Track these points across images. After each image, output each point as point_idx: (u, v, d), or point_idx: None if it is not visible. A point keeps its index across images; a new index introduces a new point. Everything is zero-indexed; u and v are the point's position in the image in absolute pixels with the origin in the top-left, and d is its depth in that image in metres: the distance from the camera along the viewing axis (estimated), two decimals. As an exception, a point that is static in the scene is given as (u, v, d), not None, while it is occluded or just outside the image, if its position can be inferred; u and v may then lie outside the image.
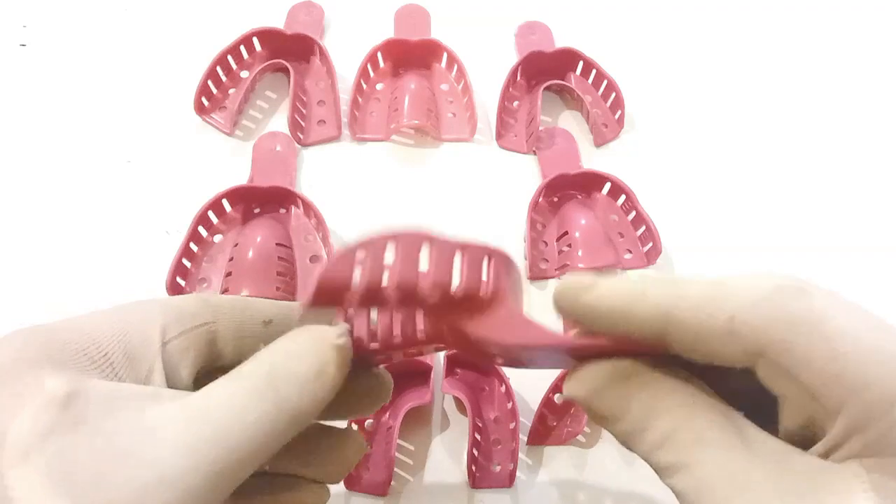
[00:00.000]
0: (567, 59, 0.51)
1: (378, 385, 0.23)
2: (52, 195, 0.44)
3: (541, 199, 0.45)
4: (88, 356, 0.19)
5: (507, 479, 0.36)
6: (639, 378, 0.19)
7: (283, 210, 0.44)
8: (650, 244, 0.43)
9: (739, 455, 0.17)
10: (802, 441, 0.19)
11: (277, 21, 0.52)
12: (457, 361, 0.39)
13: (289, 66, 0.48)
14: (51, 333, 0.19)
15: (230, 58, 0.49)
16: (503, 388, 0.37)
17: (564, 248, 0.43)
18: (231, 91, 0.49)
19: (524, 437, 0.37)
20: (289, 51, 0.50)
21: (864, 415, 0.17)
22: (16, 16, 0.52)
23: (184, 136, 0.47)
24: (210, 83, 0.48)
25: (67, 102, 0.48)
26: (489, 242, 0.21)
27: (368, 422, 0.37)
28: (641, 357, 0.19)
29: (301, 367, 0.19)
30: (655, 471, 0.19)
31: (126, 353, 0.20)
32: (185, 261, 0.41)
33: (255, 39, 0.49)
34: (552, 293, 0.20)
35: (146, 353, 0.20)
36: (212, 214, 0.43)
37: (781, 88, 0.53)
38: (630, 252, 0.44)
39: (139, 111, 0.48)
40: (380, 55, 0.50)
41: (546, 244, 0.44)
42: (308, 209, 0.43)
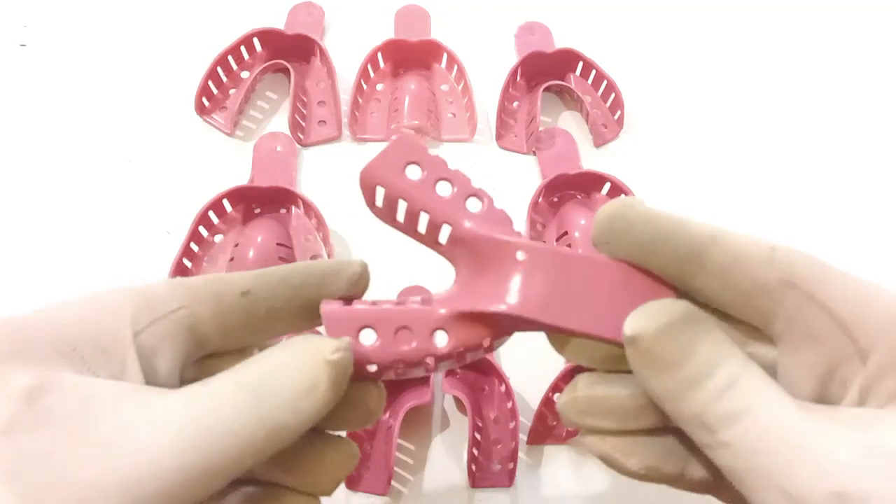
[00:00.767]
0: (567, 60, 0.51)
1: (371, 399, 0.22)
2: (53, 195, 0.44)
3: (540, 200, 0.45)
4: (57, 350, 0.18)
5: (507, 479, 0.36)
6: (706, 322, 0.19)
7: (284, 210, 0.44)
8: (650, 244, 0.43)
9: (792, 404, 0.17)
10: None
11: (278, 21, 0.52)
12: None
13: (289, 67, 0.48)
14: (17, 326, 0.18)
15: (231, 58, 0.49)
16: (503, 388, 0.38)
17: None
18: (231, 91, 0.49)
19: (524, 437, 0.37)
20: (289, 51, 0.50)
21: None
22: (16, 16, 0.52)
23: (184, 137, 0.47)
24: (210, 83, 0.48)
25: (67, 102, 0.48)
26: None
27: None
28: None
29: (291, 382, 0.18)
30: (707, 425, 0.18)
31: (96, 346, 0.19)
32: (186, 261, 0.41)
33: (256, 40, 0.49)
34: (598, 214, 0.20)
35: (117, 346, 0.19)
36: (212, 214, 0.43)
37: (781, 88, 0.53)
38: (630, 252, 0.44)
39: (139, 111, 0.48)
40: (380, 55, 0.50)
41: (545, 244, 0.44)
42: (308, 209, 0.43)
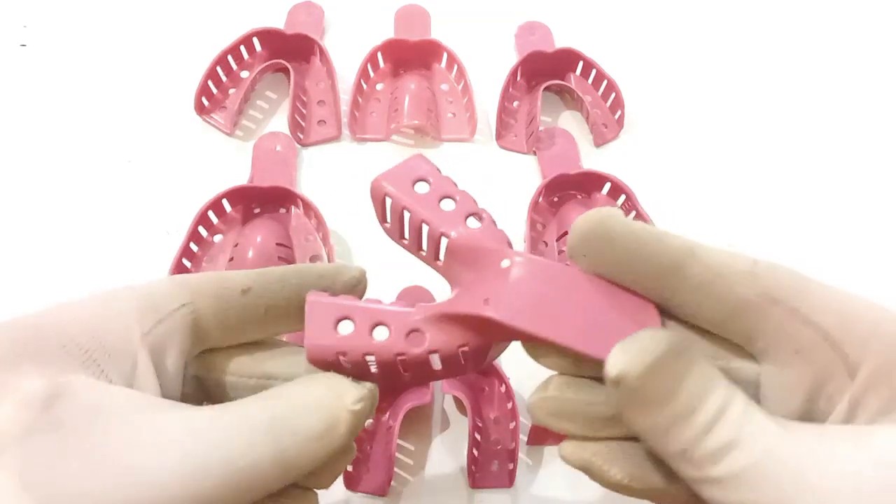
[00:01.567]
0: (567, 59, 0.51)
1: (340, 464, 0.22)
2: (53, 195, 0.44)
3: (541, 200, 0.45)
4: (69, 353, 0.18)
5: (507, 479, 0.36)
6: (689, 352, 0.18)
7: (284, 210, 0.44)
8: (650, 244, 0.43)
9: (779, 431, 0.17)
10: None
11: (277, 21, 0.52)
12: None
13: (289, 67, 0.48)
14: (26, 328, 0.18)
15: (230, 58, 0.49)
16: (503, 388, 0.37)
17: (564, 249, 0.43)
18: (231, 91, 0.49)
19: (524, 437, 0.37)
20: (289, 51, 0.50)
21: (892, 356, 0.17)
22: (16, 16, 0.52)
23: (184, 136, 0.47)
24: (210, 83, 0.48)
25: (68, 102, 0.48)
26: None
27: (368, 421, 0.37)
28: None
29: (309, 424, 0.18)
30: (695, 462, 0.17)
31: (107, 349, 0.19)
32: (186, 261, 0.41)
33: (256, 39, 0.49)
34: (574, 226, 0.20)
35: (128, 348, 0.19)
36: (212, 214, 0.43)
37: (781, 88, 0.53)
38: (630, 252, 0.44)
39: (139, 111, 0.48)
40: (380, 55, 0.50)
41: (546, 244, 0.44)
42: (308, 209, 0.43)
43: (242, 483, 0.17)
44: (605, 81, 0.50)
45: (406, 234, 0.23)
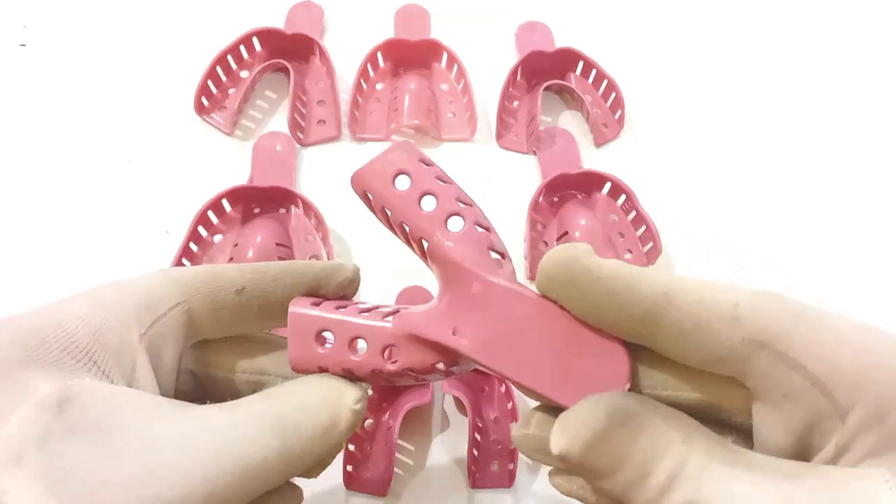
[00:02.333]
0: (567, 59, 0.51)
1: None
2: (52, 195, 0.44)
3: (541, 199, 0.45)
4: (71, 355, 0.18)
5: (507, 479, 0.36)
6: (638, 416, 0.17)
7: (283, 210, 0.44)
8: (650, 244, 0.43)
9: (749, 481, 0.16)
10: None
11: (277, 21, 0.52)
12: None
13: (289, 66, 0.48)
14: (27, 329, 0.18)
15: (230, 58, 0.49)
16: (503, 388, 0.37)
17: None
18: (231, 91, 0.49)
19: (524, 437, 0.37)
20: (289, 51, 0.50)
21: (884, 401, 0.16)
22: (16, 16, 0.52)
23: (184, 136, 0.47)
24: (210, 83, 0.48)
25: (67, 102, 0.48)
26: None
27: (368, 422, 0.37)
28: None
29: (314, 422, 0.19)
30: None
31: (107, 350, 0.19)
32: (185, 261, 0.41)
33: (255, 39, 0.49)
34: (542, 265, 0.19)
35: (127, 347, 0.20)
36: (212, 214, 0.43)
37: (782, 87, 0.53)
38: (630, 252, 0.44)
39: (139, 111, 0.48)
40: (380, 55, 0.50)
41: (546, 244, 0.44)
42: (308, 209, 0.43)
43: (252, 479, 0.18)
44: (605, 81, 0.50)
45: (394, 231, 0.23)
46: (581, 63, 0.50)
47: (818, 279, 0.44)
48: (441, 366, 0.21)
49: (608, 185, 0.45)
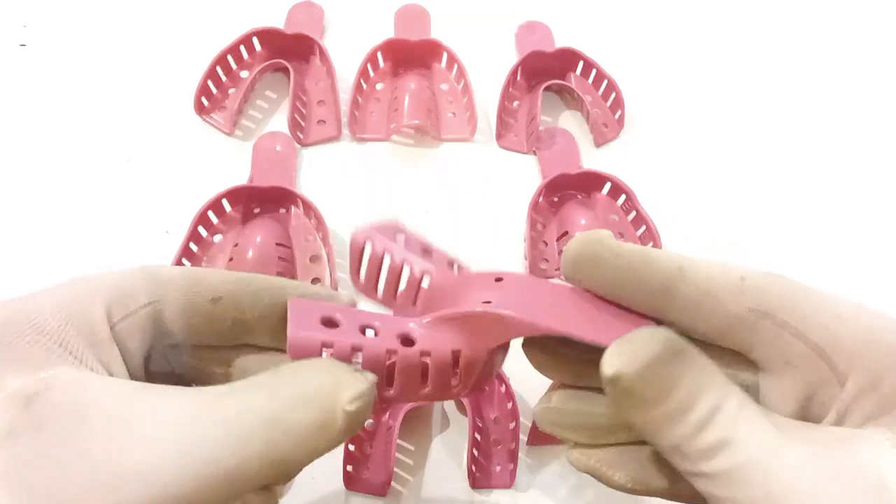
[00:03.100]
0: (567, 59, 0.51)
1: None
2: (52, 195, 0.44)
3: (541, 199, 0.45)
4: (46, 347, 0.18)
5: (507, 479, 0.36)
6: (686, 352, 0.18)
7: (283, 210, 0.44)
8: (650, 244, 0.43)
9: (772, 431, 0.17)
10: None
11: (277, 21, 0.52)
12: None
13: (289, 66, 0.48)
14: (1, 321, 0.18)
15: (230, 58, 0.49)
16: (503, 388, 0.37)
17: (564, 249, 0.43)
18: (231, 91, 0.49)
19: (524, 437, 0.37)
20: (289, 51, 0.50)
21: (879, 367, 0.17)
22: (16, 16, 0.52)
23: (183, 136, 0.47)
24: (210, 83, 0.48)
25: (67, 102, 0.48)
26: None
27: (368, 421, 0.37)
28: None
29: (304, 419, 0.17)
30: (688, 457, 0.17)
31: (81, 337, 0.18)
32: (185, 261, 0.41)
33: (255, 39, 0.49)
34: (567, 249, 0.20)
35: (101, 340, 0.19)
36: (212, 214, 0.43)
37: (782, 87, 0.53)
38: (630, 252, 0.44)
39: (139, 111, 0.48)
40: (380, 55, 0.50)
41: (546, 244, 0.44)
42: (308, 209, 0.43)
43: (229, 482, 0.16)
44: (605, 81, 0.50)
45: (382, 280, 0.23)
46: (581, 63, 0.50)
47: (818, 279, 0.44)
48: (460, 354, 0.21)
49: (608, 185, 0.45)
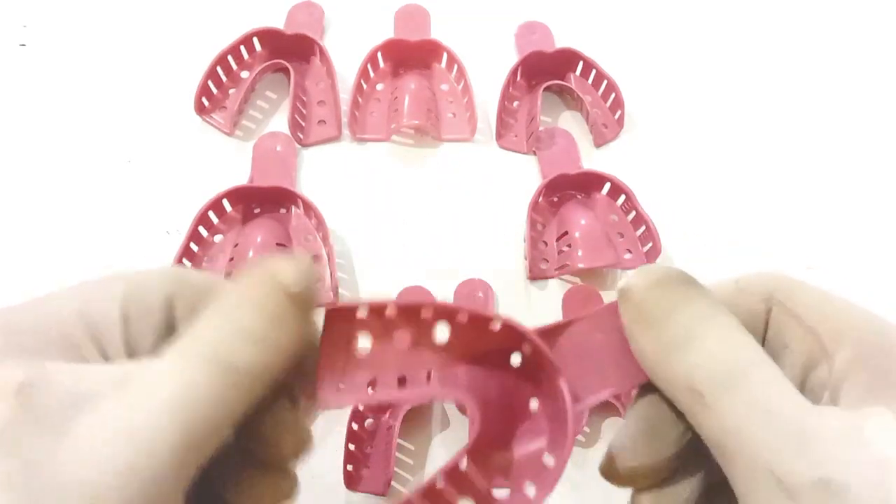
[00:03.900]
0: (567, 59, 0.51)
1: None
2: (52, 195, 0.44)
3: (541, 199, 0.45)
4: (48, 339, 0.17)
5: (507, 479, 0.36)
6: (701, 287, 0.20)
7: (284, 210, 0.44)
8: (650, 244, 0.43)
9: (787, 384, 0.17)
10: None
11: (277, 21, 0.52)
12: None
13: (289, 67, 0.48)
14: (6, 317, 0.18)
15: (230, 58, 0.49)
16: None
17: (564, 248, 0.43)
18: (231, 91, 0.49)
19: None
20: (289, 51, 0.50)
21: (864, 346, 0.18)
22: (16, 16, 0.52)
23: (184, 137, 0.47)
24: (210, 83, 0.48)
25: (67, 102, 0.48)
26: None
27: (368, 421, 0.37)
28: None
29: (250, 324, 0.17)
30: (694, 390, 0.17)
31: (89, 333, 0.18)
32: (186, 261, 0.41)
33: (255, 39, 0.49)
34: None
35: (110, 333, 0.18)
36: (212, 214, 0.43)
37: (781, 87, 0.53)
38: (630, 252, 0.44)
39: (139, 111, 0.48)
40: (380, 55, 0.50)
41: (546, 244, 0.44)
42: (308, 209, 0.43)
43: (211, 418, 0.16)
44: (605, 81, 0.50)
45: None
46: (581, 63, 0.50)
47: (818, 278, 0.44)
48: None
49: (608, 186, 0.45)
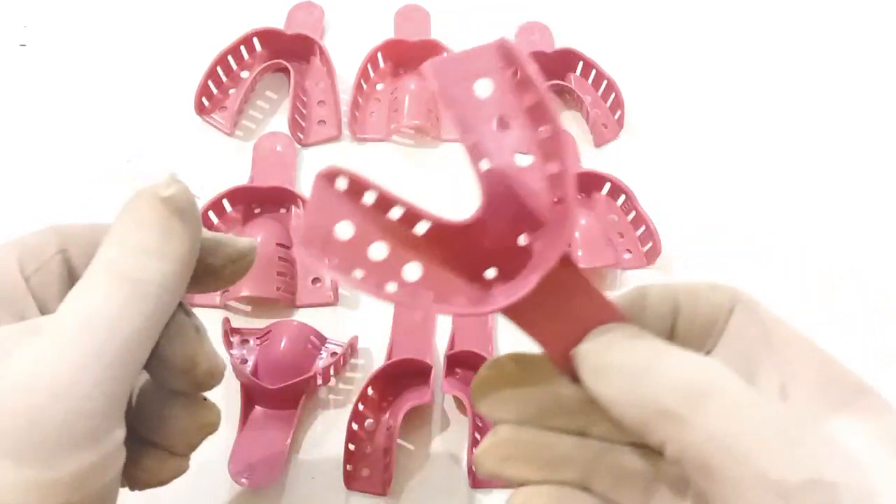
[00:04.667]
0: (567, 60, 0.51)
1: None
2: (53, 195, 0.44)
3: (541, 200, 0.45)
4: None
5: (507, 479, 0.36)
6: (651, 334, 0.19)
7: (284, 210, 0.44)
8: (650, 244, 0.43)
9: (754, 389, 0.17)
10: None
11: (277, 21, 0.52)
12: (457, 361, 0.39)
13: (289, 67, 0.48)
14: None
15: (230, 58, 0.49)
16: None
17: (564, 249, 0.43)
18: (231, 91, 0.49)
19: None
20: (289, 51, 0.50)
21: (800, 353, 0.18)
22: (16, 16, 0.52)
23: (184, 137, 0.47)
24: (210, 83, 0.48)
25: (67, 102, 0.48)
26: None
27: (368, 421, 0.37)
28: None
29: (144, 240, 0.19)
30: (666, 412, 0.17)
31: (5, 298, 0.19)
32: (186, 261, 0.41)
33: (256, 40, 0.49)
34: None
35: (15, 292, 0.20)
36: (212, 214, 0.43)
37: (780, 88, 0.53)
38: (630, 252, 0.44)
39: (139, 111, 0.48)
40: (380, 55, 0.50)
41: (546, 244, 0.44)
42: (308, 209, 0.43)
43: (133, 338, 0.18)
44: (605, 81, 0.50)
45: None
46: (581, 63, 0.50)
47: (819, 278, 0.44)
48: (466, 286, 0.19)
49: (608, 186, 0.45)
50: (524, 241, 0.20)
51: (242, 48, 0.49)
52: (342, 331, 0.40)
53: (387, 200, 0.20)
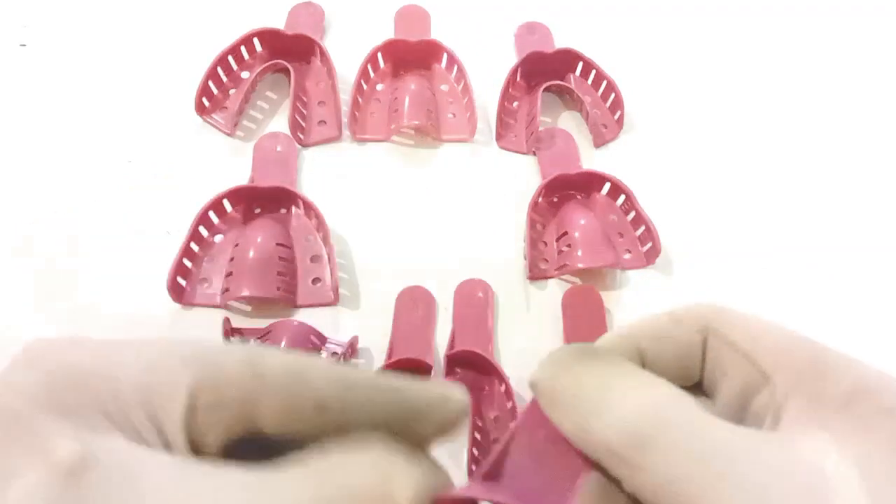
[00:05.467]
0: (567, 60, 0.51)
1: None
2: (53, 195, 0.44)
3: (540, 199, 0.45)
4: (108, 414, 0.16)
5: (507, 479, 0.36)
6: (599, 356, 0.19)
7: (284, 210, 0.44)
8: (649, 244, 0.43)
9: (705, 420, 0.17)
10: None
11: (278, 22, 0.52)
12: (457, 361, 0.39)
13: (289, 67, 0.48)
14: (69, 379, 0.16)
15: (231, 58, 0.49)
16: (503, 388, 0.38)
17: (564, 248, 0.43)
18: (232, 91, 0.49)
19: (524, 437, 0.37)
20: (289, 51, 0.50)
21: (802, 365, 0.18)
22: (16, 16, 0.52)
23: (184, 137, 0.47)
24: (211, 84, 0.48)
25: (68, 102, 0.48)
26: None
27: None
28: None
29: None
30: (616, 454, 0.17)
31: (149, 414, 0.17)
32: (186, 261, 0.41)
33: (256, 40, 0.49)
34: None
35: (170, 418, 0.17)
36: (213, 214, 0.43)
37: (780, 89, 0.53)
38: (629, 252, 0.44)
39: (140, 111, 0.48)
40: (380, 56, 0.50)
41: (546, 244, 0.44)
42: (308, 209, 0.43)
43: None
44: (605, 82, 0.50)
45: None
46: (581, 64, 0.50)
47: (819, 277, 0.44)
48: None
49: (607, 186, 0.45)
50: None
51: (243, 48, 0.49)
52: (342, 331, 0.40)
53: None
